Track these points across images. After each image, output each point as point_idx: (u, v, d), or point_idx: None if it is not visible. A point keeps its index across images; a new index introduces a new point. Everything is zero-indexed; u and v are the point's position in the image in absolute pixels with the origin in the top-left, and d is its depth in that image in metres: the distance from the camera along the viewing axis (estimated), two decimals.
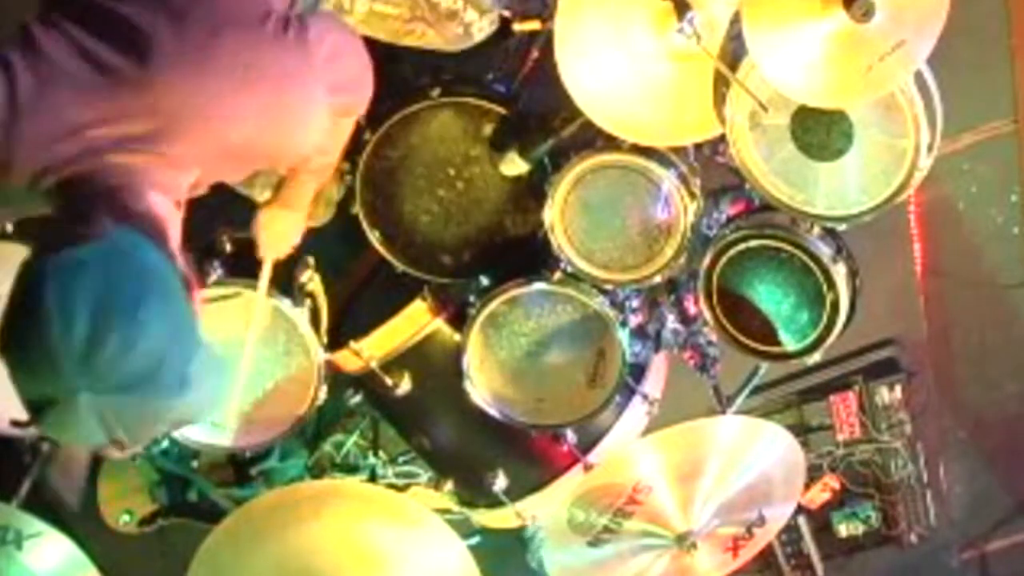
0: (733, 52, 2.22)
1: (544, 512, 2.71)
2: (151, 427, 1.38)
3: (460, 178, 2.55)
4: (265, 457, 2.99)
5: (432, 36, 2.26)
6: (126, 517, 3.16)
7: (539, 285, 2.52)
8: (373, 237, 2.60)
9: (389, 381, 2.60)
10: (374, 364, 2.58)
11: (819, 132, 2.29)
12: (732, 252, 2.50)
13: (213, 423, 2.54)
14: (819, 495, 3.35)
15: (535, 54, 2.56)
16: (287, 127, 1.59)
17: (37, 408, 1.32)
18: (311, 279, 2.58)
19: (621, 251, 2.51)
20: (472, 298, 2.57)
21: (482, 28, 2.30)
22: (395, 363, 2.60)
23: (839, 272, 2.48)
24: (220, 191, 1.75)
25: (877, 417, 3.26)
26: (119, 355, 1.28)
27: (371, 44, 2.17)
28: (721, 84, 2.26)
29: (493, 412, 2.62)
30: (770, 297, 2.53)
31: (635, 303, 2.66)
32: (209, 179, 1.63)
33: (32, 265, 1.33)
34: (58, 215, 1.49)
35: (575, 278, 2.53)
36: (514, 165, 2.46)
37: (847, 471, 3.32)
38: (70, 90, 1.46)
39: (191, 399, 1.37)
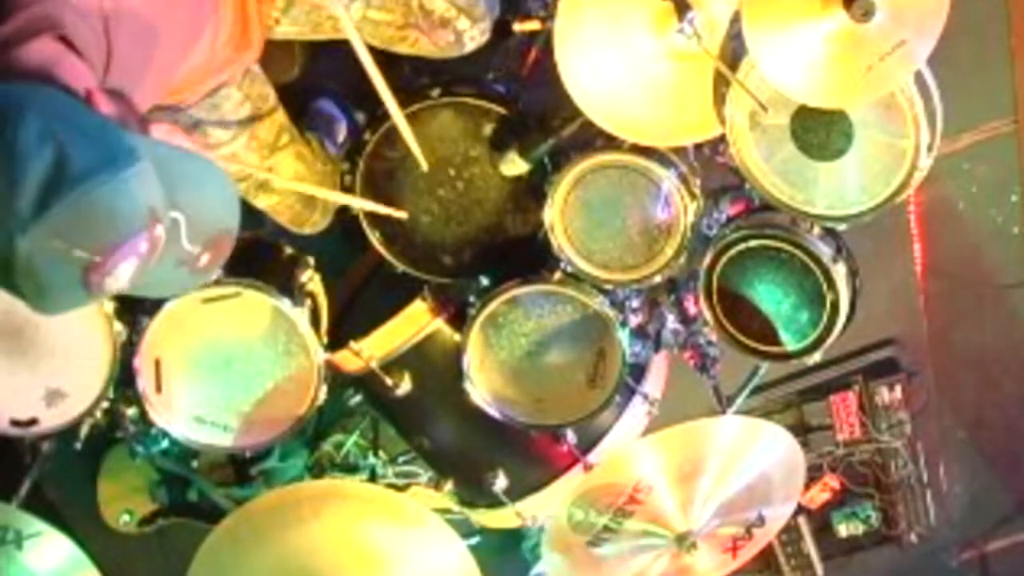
0: (733, 52, 2.22)
1: (544, 512, 2.71)
2: (113, 226, 1.22)
3: (460, 178, 2.55)
4: (265, 457, 2.99)
5: (424, 44, 2.26)
6: (126, 517, 3.16)
7: (539, 285, 2.52)
8: (373, 237, 2.60)
9: (389, 381, 2.60)
10: (374, 364, 2.58)
11: (819, 132, 2.29)
12: (732, 252, 2.50)
13: (217, 422, 2.55)
14: (819, 495, 3.35)
15: (535, 54, 2.57)
16: None
17: (9, 288, 1.23)
18: (311, 279, 2.58)
19: (621, 251, 2.51)
20: (472, 298, 2.57)
21: (473, 37, 2.30)
22: (395, 363, 2.60)
23: (839, 272, 2.48)
24: None
25: (877, 417, 3.27)
26: (12, 175, 1.18)
27: (369, 47, 2.19)
28: (721, 84, 2.26)
29: (493, 412, 2.62)
30: (770, 297, 2.53)
31: (635, 303, 2.66)
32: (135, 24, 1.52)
33: None
34: None
35: (575, 278, 2.53)
36: (514, 165, 2.46)
37: (847, 471, 3.33)
38: None
39: (135, 178, 1.23)
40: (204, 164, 1.46)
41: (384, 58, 2.16)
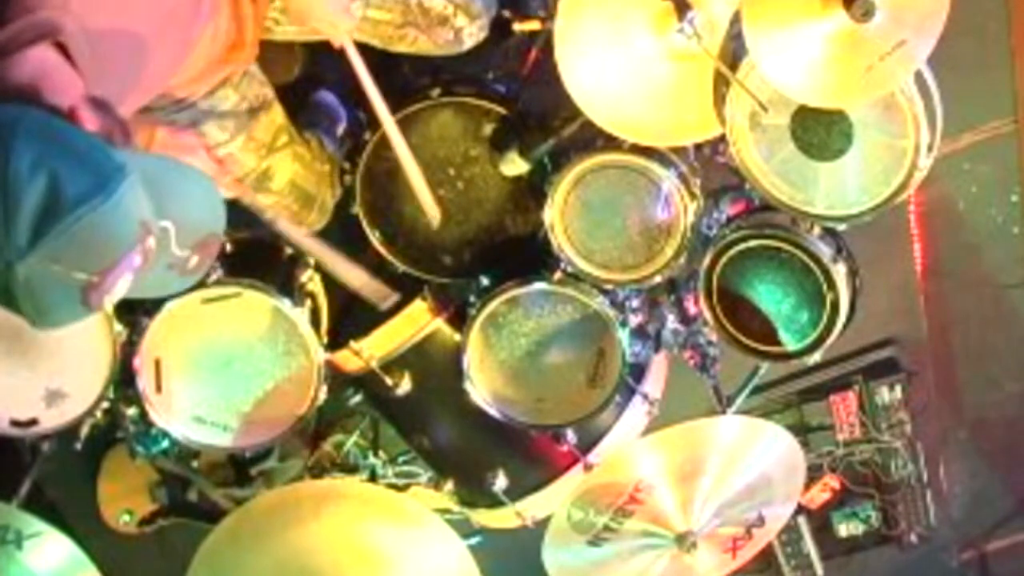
0: (733, 52, 2.22)
1: (544, 512, 2.71)
2: (109, 247, 1.24)
3: (460, 178, 2.55)
4: (265, 457, 2.99)
5: (423, 42, 2.27)
6: (126, 517, 3.16)
7: (539, 285, 2.52)
8: (373, 237, 2.60)
9: (389, 381, 2.60)
10: (374, 364, 2.58)
11: (819, 132, 2.29)
12: (732, 252, 2.50)
13: (213, 422, 2.55)
14: (819, 495, 3.35)
15: (535, 54, 2.57)
16: None
17: (9, 307, 1.25)
18: (311, 279, 2.59)
19: (621, 251, 2.52)
20: (472, 298, 2.57)
21: (472, 34, 2.31)
22: (395, 363, 2.60)
23: (839, 272, 2.48)
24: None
25: (877, 417, 3.26)
26: (6, 206, 1.19)
27: (369, 47, 2.19)
28: (721, 84, 2.26)
29: (493, 412, 2.62)
30: (770, 297, 2.53)
31: (635, 303, 2.66)
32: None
33: None
34: None
35: (575, 278, 2.53)
36: (514, 165, 2.47)
37: (847, 471, 3.32)
38: None
39: (126, 197, 1.24)
40: (188, 170, 1.47)
41: (384, 58, 2.17)
